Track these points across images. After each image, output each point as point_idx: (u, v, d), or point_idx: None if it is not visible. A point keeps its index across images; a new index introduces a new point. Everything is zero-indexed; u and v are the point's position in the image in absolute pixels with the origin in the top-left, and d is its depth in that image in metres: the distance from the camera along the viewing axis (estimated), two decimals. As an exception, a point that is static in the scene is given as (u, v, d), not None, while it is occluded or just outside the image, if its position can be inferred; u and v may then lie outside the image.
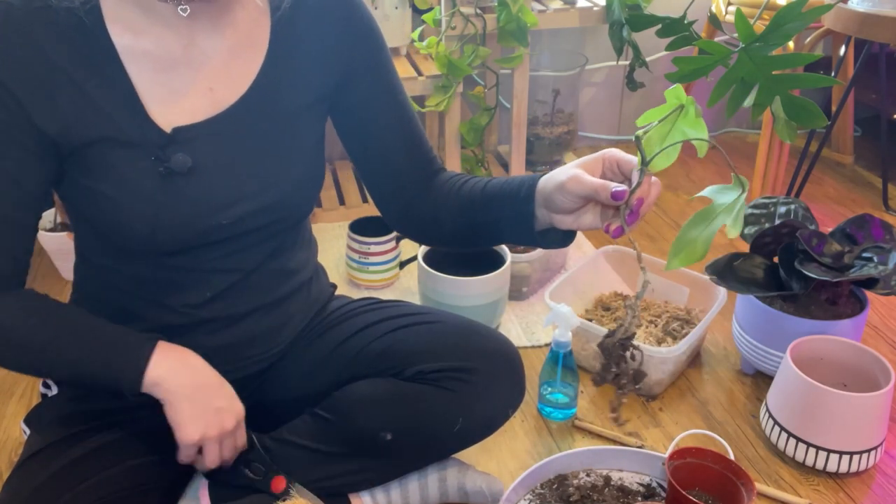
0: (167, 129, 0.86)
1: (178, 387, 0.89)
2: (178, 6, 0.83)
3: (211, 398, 0.91)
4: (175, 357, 0.90)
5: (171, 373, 0.89)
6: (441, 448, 1.07)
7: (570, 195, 0.83)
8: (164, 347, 0.89)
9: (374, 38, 0.98)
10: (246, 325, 1.03)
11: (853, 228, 1.36)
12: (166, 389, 0.88)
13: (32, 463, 0.94)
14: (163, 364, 0.88)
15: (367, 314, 1.12)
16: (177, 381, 0.89)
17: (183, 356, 0.91)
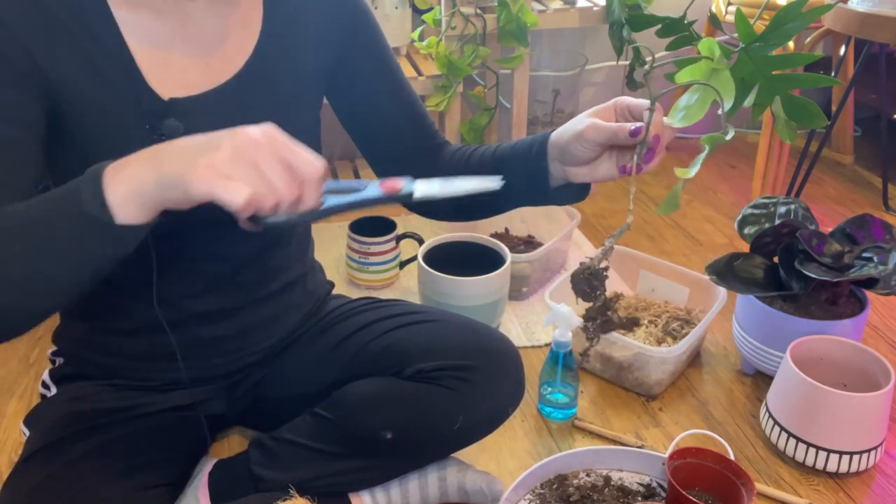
0: (164, 98, 0.86)
1: (151, 165, 0.67)
2: None
3: (197, 138, 0.69)
4: (122, 161, 0.69)
5: (136, 171, 0.68)
6: (441, 447, 1.07)
7: (588, 143, 0.83)
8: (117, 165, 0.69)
9: (368, 16, 1.00)
10: (238, 318, 1.03)
11: (853, 228, 1.36)
12: (145, 185, 0.67)
13: (32, 463, 0.94)
14: (121, 171, 0.68)
15: (367, 313, 1.12)
16: (147, 165, 0.68)
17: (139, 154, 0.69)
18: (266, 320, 1.07)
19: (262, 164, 0.66)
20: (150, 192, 0.67)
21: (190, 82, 0.87)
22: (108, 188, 0.66)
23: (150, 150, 0.69)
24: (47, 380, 1.07)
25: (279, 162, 0.66)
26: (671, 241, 1.91)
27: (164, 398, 1.04)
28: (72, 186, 0.68)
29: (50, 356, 1.08)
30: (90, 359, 1.03)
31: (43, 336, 1.55)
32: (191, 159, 0.65)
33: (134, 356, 1.02)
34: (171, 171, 0.66)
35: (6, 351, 1.51)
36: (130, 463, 0.96)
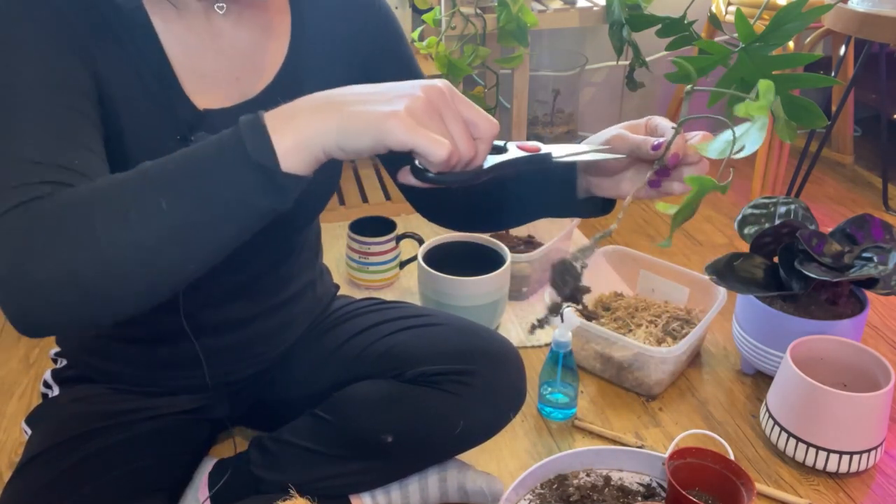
0: (199, 108, 0.85)
1: (324, 115, 0.64)
2: (215, 4, 0.83)
3: (368, 88, 0.66)
4: (288, 110, 0.65)
5: (301, 121, 0.64)
6: (441, 450, 1.07)
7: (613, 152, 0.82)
8: (272, 113, 0.65)
9: (394, 27, 0.98)
10: (252, 327, 1.03)
11: (853, 228, 1.36)
12: (316, 132, 0.63)
13: (35, 465, 0.93)
14: (289, 118, 0.64)
15: (370, 315, 1.12)
16: (316, 114, 0.64)
17: (293, 105, 0.66)
18: (278, 327, 1.07)
19: (449, 118, 0.64)
20: (327, 139, 0.62)
21: (221, 95, 0.86)
22: (273, 135, 0.62)
23: (316, 98, 0.65)
24: (49, 379, 1.07)
25: (461, 117, 0.65)
26: (672, 240, 1.91)
27: (168, 402, 1.04)
28: (226, 137, 0.63)
29: (52, 356, 1.08)
30: (95, 365, 1.03)
31: (43, 336, 1.55)
32: (380, 105, 0.62)
33: (141, 364, 1.02)
34: (360, 118, 0.62)
35: (6, 351, 1.51)
36: (135, 466, 0.96)
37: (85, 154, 0.71)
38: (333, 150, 0.63)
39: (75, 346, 1.04)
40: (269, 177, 0.62)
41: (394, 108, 0.61)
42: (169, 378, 1.03)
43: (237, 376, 1.07)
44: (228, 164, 0.62)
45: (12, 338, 1.55)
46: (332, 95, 0.64)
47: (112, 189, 0.62)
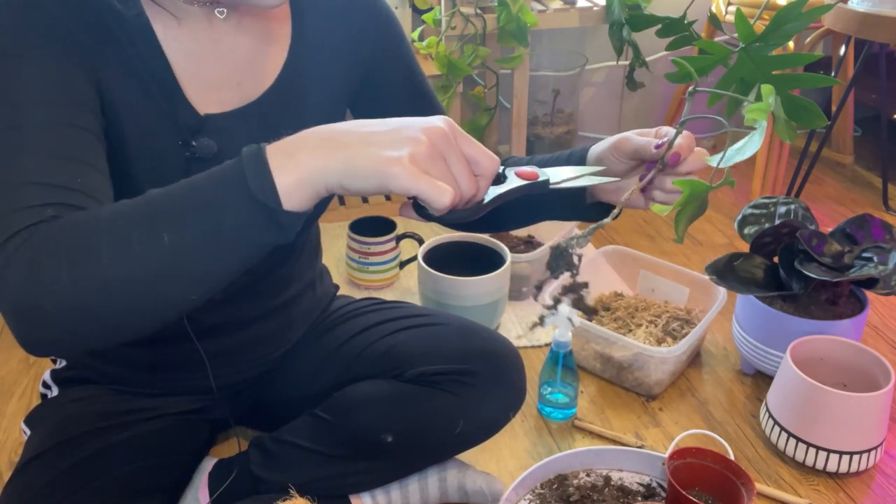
0: (201, 114, 0.85)
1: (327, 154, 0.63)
2: (216, 9, 0.83)
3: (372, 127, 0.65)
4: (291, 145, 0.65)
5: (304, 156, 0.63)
6: (441, 450, 1.07)
7: (620, 153, 0.84)
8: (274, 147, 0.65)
9: (395, 28, 0.98)
10: (252, 329, 1.03)
11: (853, 228, 1.36)
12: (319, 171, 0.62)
13: (34, 465, 0.93)
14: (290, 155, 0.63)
15: (369, 315, 1.12)
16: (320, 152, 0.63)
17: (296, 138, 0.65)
18: (278, 329, 1.07)
19: (451, 159, 0.64)
20: (329, 177, 0.62)
21: (222, 99, 0.86)
22: (275, 173, 0.62)
23: (319, 133, 0.64)
24: (48, 380, 1.07)
25: (463, 156, 0.65)
26: (671, 240, 1.91)
27: (168, 403, 1.04)
28: (228, 170, 0.63)
29: (52, 357, 1.08)
30: (96, 366, 1.03)
31: (43, 336, 1.55)
32: (384, 149, 0.62)
33: (142, 366, 1.02)
34: (364, 161, 0.62)
35: (6, 351, 1.51)
36: (135, 466, 0.96)
37: (88, 172, 0.70)
38: (335, 187, 0.63)
39: None
40: (270, 215, 0.62)
41: (398, 154, 0.61)
42: (170, 380, 1.03)
43: (238, 378, 1.07)
44: (231, 200, 0.62)
45: (12, 338, 1.55)
46: (336, 132, 0.64)
47: (117, 218, 0.63)
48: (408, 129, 0.63)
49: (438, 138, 0.63)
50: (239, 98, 0.87)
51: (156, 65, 0.82)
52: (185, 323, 0.94)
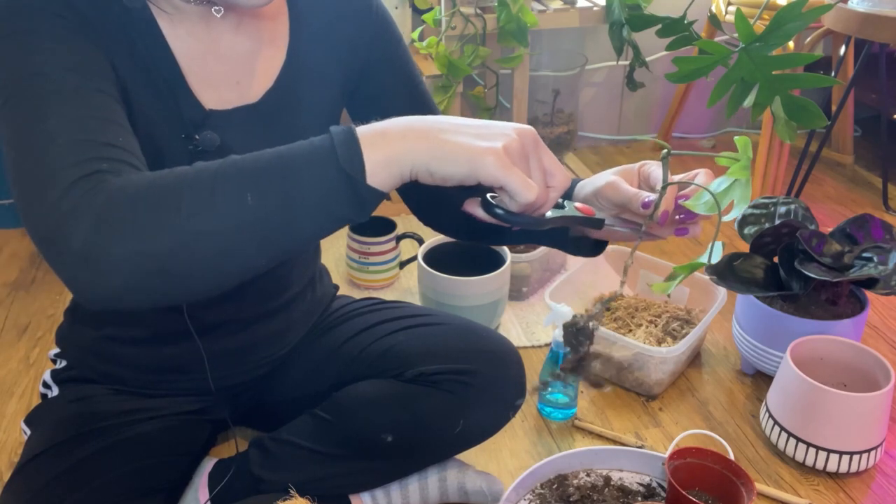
0: (206, 108, 0.85)
1: (419, 138, 0.65)
2: (212, 8, 0.83)
3: (463, 120, 0.67)
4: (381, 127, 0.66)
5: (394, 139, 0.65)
6: (441, 450, 1.07)
7: (605, 201, 0.83)
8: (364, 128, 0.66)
9: (391, 29, 0.98)
10: (251, 329, 1.03)
11: (853, 228, 1.36)
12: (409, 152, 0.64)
13: (34, 465, 0.93)
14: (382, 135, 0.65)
15: (369, 315, 1.12)
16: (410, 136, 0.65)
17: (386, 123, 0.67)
18: (278, 331, 1.07)
19: (533, 163, 0.67)
20: (417, 160, 0.64)
21: (221, 98, 0.87)
22: (365, 148, 0.63)
23: (412, 121, 0.66)
24: (48, 380, 1.07)
25: (541, 165, 0.68)
26: (671, 241, 1.91)
27: (168, 403, 1.04)
28: (318, 142, 0.64)
29: (52, 357, 1.08)
30: (96, 367, 1.03)
31: (43, 336, 1.55)
32: (478, 139, 0.64)
33: (143, 367, 1.02)
34: (457, 147, 0.64)
35: (6, 351, 1.51)
36: (134, 466, 0.96)
37: (125, 133, 0.71)
38: (422, 172, 0.64)
39: (76, 347, 1.04)
40: (352, 187, 0.63)
41: (492, 145, 0.63)
42: (170, 381, 1.04)
43: (238, 380, 1.07)
44: (318, 168, 0.63)
45: (12, 338, 1.55)
46: (429, 121, 0.66)
47: (200, 174, 0.62)
48: (500, 126, 0.66)
49: (528, 140, 0.66)
50: (237, 97, 0.88)
51: (161, 58, 0.82)
52: (187, 321, 0.94)
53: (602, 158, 2.41)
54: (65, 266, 0.61)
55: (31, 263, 1.83)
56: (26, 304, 1.67)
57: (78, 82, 0.71)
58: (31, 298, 1.69)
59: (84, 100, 0.70)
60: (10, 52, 0.70)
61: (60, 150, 0.65)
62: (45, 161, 0.64)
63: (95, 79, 0.73)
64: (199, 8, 0.83)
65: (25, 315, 1.63)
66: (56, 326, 1.09)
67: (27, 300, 1.68)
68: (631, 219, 0.84)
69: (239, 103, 0.88)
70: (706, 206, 0.72)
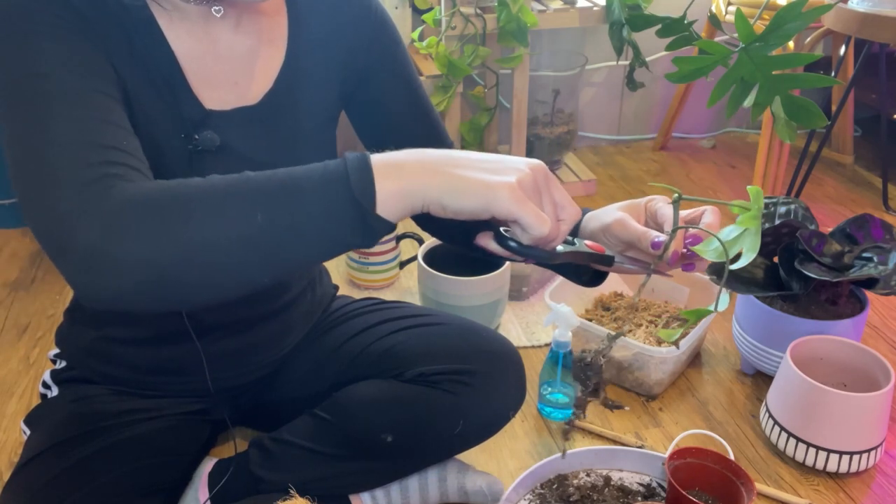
0: (206, 107, 0.85)
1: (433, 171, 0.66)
2: (212, 7, 0.83)
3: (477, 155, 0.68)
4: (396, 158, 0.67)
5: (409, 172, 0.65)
6: (441, 450, 1.07)
7: (613, 238, 0.84)
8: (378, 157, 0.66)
9: (390, 32, 0.98)
10: (251, 331, 1.03)
11: (853, 228, 1.36)
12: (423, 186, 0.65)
13: (34, 465, 0.93)
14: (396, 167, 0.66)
15: (369, 315, 1.12)
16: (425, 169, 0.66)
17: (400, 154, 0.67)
18: (278, 332, 1.07)
19: (545, 197, 0.68)
20: (430, 194, 0.65)
21: (220, 98, 0.87)
22: (378, 177, 0.64)
23: (426, 154, 0.67)
24: (48, 380, 1.07)
25: (553, 199, 0.69)
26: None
27: (168, 404, 1.04)
28: (332, 166, 0.65)
29: (51, 357, 1.08)
30: (96, 367, 1.03)
31: (43, 336, 1.55)
32: (492, 173, 0.65)
33: (142, 368, 1.01)
34: (473, 181, 0.64)
35: (6, 351, 1.51)
36: (134, 466, 0.96)
37: (127, 135, 0.71)
38: (434, 205, 0.65)
39: (76, 347, 1.04)
40: (362, 216, 0.64)
41: (506, 179, 0.64)
42: (170, 382, 1.04)
43: (238, 381, 1.07)
44: (329, 193, 0.63)
45: (12, 338, 1.55)
46: (443, 155, 0.67)
47: (213, 189, 0.63)
48: (513, 161, 0.67)
49: (540, 174, 0.67)
50: (236, 98, 0.88)
51: (161, 57, 0.82)
52: (186, 322, 0.94)
53: (602, 158, 2.41)
54: (69, 265, 0.62)
55: (31, 263, 1.83)
56: (26, 304, 1.67)
57: (80, 83, 0.71)
58: (31, 298, 1.69)
59: (87, 101, 0.70)
60: (11, 54, 0.70)
61: (66, 153, 0.65)
62: (51, 162, 0.65)
63: (96, 79, 0.73)
64: (199, 7, 0.83)
65: (25, 315, 1.63)
66: (56, 326, 1.09)
67: (27, 300, 1.68)
68: (637, 256, 0.84)
69: (237, 104, 0.88)
70: (716, 254, 0.73)
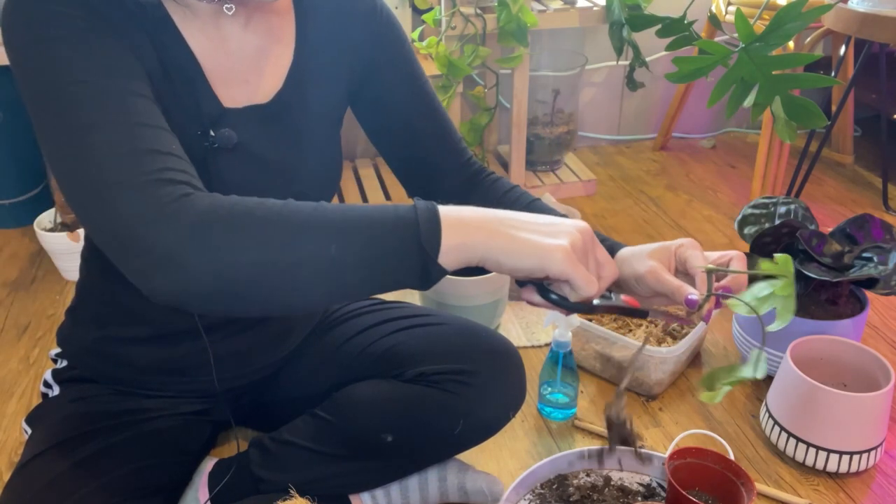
0: (224, 105, 0.86)
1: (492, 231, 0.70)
2: (224, 5, 0.84)
3: (532, 218, 0.73)
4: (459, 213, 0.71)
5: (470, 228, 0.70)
6: (441, 450, 1.07)
7: (646, 287, 0.85)
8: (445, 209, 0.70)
9: (396, 31, 0.98)
10: (253, 332, 1.03)
11: (853, 228, 1.36)
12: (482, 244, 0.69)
13: (35, 465, 0.93)
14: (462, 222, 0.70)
15: (369, 315, 1.12)
16: (485, 228, 0.70)
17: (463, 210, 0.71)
18: (280, 332, 1.07)
19: (590, 258, 0.73)
20: (488, 252, 0.69)
21: (233, 96, 0.87)
22: (444, 229, 0.69)
23: (487, 213, 0.71)
24: (49, 379, 1.07)
25: (596, 258, 0.74)
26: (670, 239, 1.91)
27: (169, 404, 1.04)
28: (404, 213, 0.69)
29: (53, 356, 1.08)
30: (97, 367, 1.03)
31: (43, 336, 1.56)
32: (546, 236, 0.70)
33: (144, 368, 1.01)
34: (530, 243, 0.69)
35: (6, 351, 1.51)
36: (135, 466, 0.96)
37: (172, 138, 0.73)
38: (490, 261, 0.70)
39: (77, 347, 1.04)
40: (424, 263, 0.68)
41: (559, 243, 0.69)
42: (171, 382, 1.03)
43: (240, 382, 1.07)
44: (399, 237, 0.68)
45: (12, 338, 1.55)
46: (502, 216, 0.71)
47: (292, 215, 0.67)
48: (565, 225, 0.72)
49: (588, 237, 0.72)
50: (247, 96, 0.88)
51: (180, 54, 0.83)
52: (196, 320, 0.94)
53: (602, 158, 2.42)
54: (142, 266, 0.65)
55: (31, 263, 1.83)
56: (26, 304, 1.67)
57: (118, 87, 0.72)
58: (31, 298, 1.69)
59: (130, 106, 0.71)
60: (45, 64, 0.71)
61: (124, 160, 0.67)
62: (110, 170, 0.67)
63: (132, 81, 0.74)
64: (211, 5, 0.83)
65: (25, 315, 1.63)
66: (56, 326, 1.09)
67: (27, 300, 1.68)
68: (667, 304, 0.87)
69: (248, 102, 0.88)
70: (746, 309, 0.75)
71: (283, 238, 0.66)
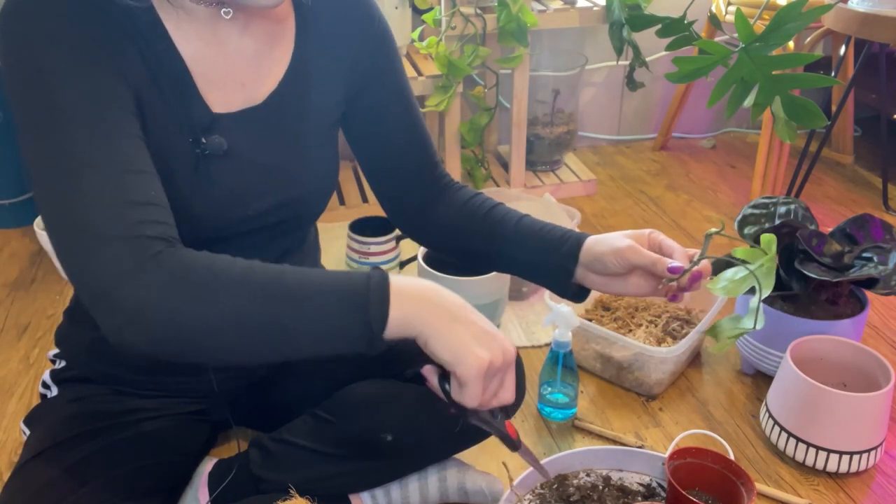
0: (214, 111, 0.86)
1: (436, 313, 0.74)
2: (221, 9, 0.84)
3: (477, 320, 0.76)
4: (412, 287, 0.75)
5: (418, 303, 0.74)
6: (441, 449, 1.07)
7: (625, 262, 0.90)
8: (396, 282, 0.74)
9: (391, 43, 1.00)
10: None
11: (853, 228, 1.36)
12: (422, 320, 0.74)
13: (34, 465, 0.93)
14: (409, 298, 0.74)
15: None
16: (432, 308, 0.74)
17: (419, 284, 0.76)
18: None
19: (496, 378, 0.77)
20: (424, 331, 0.73)
21: (227, 100, 0.87)
22: (391, 304, 0.72)
23: (441, 294, 0.75)
24: (48, 380, 1.06)
25: (502, 382, 0.78)
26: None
27: (169, 404, 1.04)
28: (356, 281, 0.73)
29: (51, 357, 1.08)
30: (95, 367, 1.02)
31: (43, 336, 1.55)
32: (475, 343, 0.73)
33: (142, 369, 1.01)
34: (459, 339, 0.73)
35: (6, 351, 1.51)
36: (134, 466, 0.96)
37: (153, 181, 0.76)
38: (421, 339, 0.74)
39: (75, 347, 1.04)
40: (370, 338, 0.73)
41: (482, 354, 0.73)
42: (170, 383, 1.03)
43: (239, 383, 1.07)
44: (349, 315, 0.72)
45: (12, 338, 1.55)
46: (448, 302, 0.75)
47: (247, 281, 0.72)
48: (498, 340, 0.75)
49: (508, 362, 0.76)
50: (242, 100, 0.88)
51: (170, 60, 0.82)
52: None
53: (602, 158, 2.41)
54: (111, 318, 0.70)
55: (31, 263, 1.83)
56: (26, 304, 1.67)
57: (104, 124, 0.74)
58: (31, 298, 1.69)
59: (114, 146, 0.73)
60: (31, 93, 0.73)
61: (102, 209, 0.70)
62: (87, 218, 0.70)
63: (119, 118, 0.75)
64: (208, 9, 0.83)
65: (25, 315, 1.63)
66: (56, 326, 1.09)
67: (27, 300, 1.68)
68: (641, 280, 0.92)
69: (243, 106, 0.88)
70: (724, 290, 0.77)
71: (234, 303, 0.71)
